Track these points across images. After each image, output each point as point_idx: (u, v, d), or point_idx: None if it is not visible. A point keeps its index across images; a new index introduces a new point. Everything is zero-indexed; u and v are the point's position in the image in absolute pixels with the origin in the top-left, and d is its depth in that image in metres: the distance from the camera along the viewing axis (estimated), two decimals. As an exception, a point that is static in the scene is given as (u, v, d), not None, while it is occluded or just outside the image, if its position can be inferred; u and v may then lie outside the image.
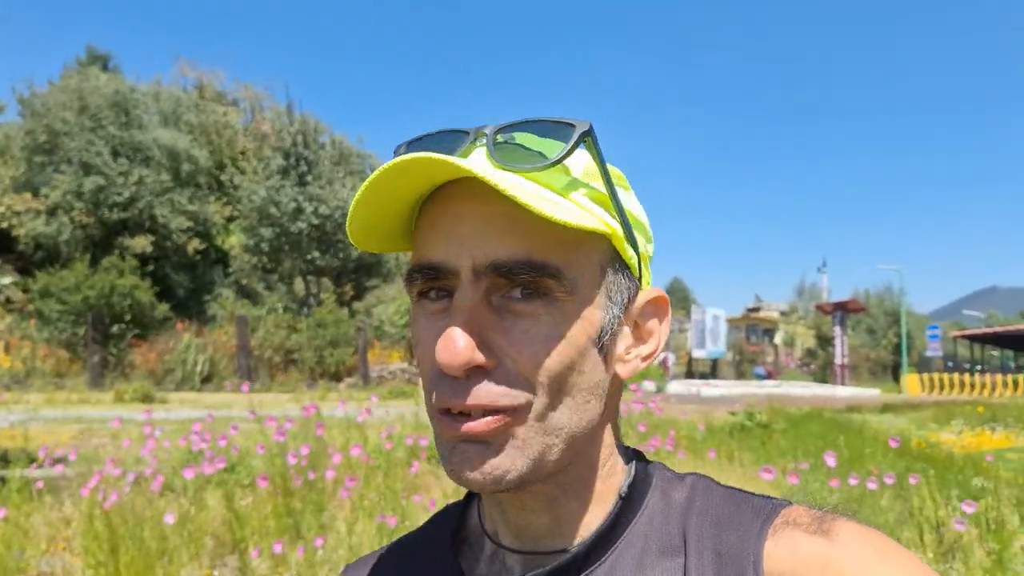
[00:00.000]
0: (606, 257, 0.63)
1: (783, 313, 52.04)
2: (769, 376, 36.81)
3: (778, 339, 46.25)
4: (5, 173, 29.48)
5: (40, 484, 4.76)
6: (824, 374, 39.64)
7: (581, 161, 0.62)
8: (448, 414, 0.58)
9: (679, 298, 67.48)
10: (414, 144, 0.64)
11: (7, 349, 21.14)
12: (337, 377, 25.46)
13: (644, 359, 0.66)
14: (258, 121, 40.42)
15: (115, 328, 23.10)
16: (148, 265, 30.24)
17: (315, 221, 31.30)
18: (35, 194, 29.18)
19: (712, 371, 36.98)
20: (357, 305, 33.75)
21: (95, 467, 5.39)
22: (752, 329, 46.92)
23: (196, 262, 33.82)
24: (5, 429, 6.41)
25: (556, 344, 0.59)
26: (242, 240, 33.88)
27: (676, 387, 23.15)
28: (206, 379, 22.96)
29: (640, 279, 0.67)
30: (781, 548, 0.58)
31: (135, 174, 30.65)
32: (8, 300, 26.25)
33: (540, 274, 0.57)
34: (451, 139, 0.61)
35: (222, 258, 35.43)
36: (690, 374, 35.59)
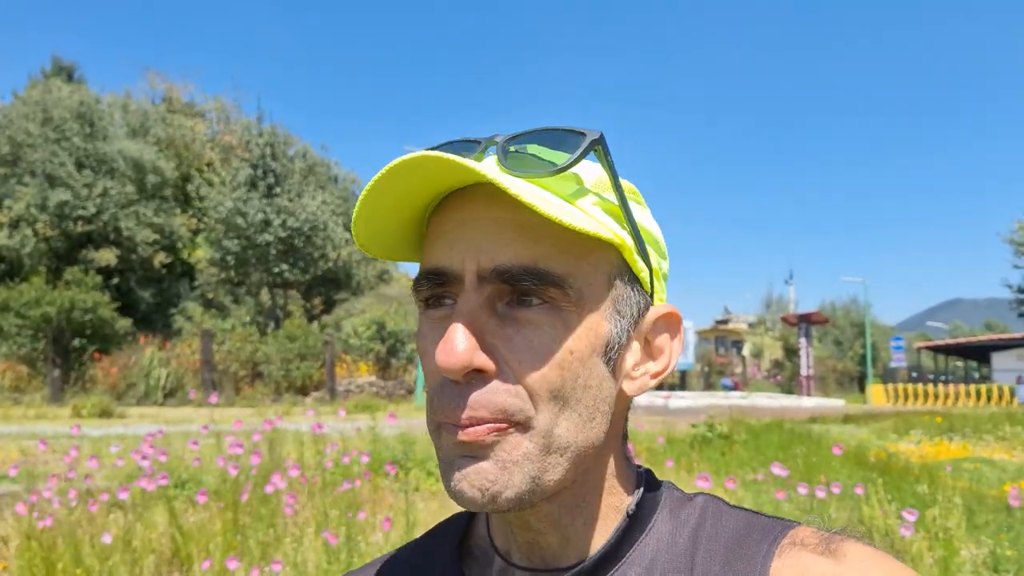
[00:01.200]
0: (615, 269, 0.61)
1: (751, 325, 52.50)
2: (736, 387, 37.11)
3: (746, 351, 46.63)
4: (-35, 185, 29.02)
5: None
6: (791, 385, 40.02)
7: (593, 172, 0.61)
8: (447, 426, 0.57)
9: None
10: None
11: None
12: (304, 391, 25.22)
13: (653, 376, 0.65)
14: (225, 132, 40.13)
15: (76, 343, 22.74)
16: (113, 278, 29.84)
17: (282, 234, 31.07)
18: (-3, 206, 28.74)
19: (681, 383, 37.21)
20: (326, 319, 33.51)
21: (38, 484, 5.28)
22: (721, 341, 47.31)
23: (162, 275, 33.45)
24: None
25: (560, 355, 0.57)
26: (209, 253, 33.55)
27: (643, 399, 23.24)
28: (169, 394, 22.64)
29: (652, 295, 0.65)
30: (788, 569, 0.57)
31: (100, 186, 30.28)
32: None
33: (544, 282, 0.56)
34: (461, 148, 0.61)
35: (188, 271, 35.06)
36: (658, 386, 35.81)
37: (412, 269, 0.70)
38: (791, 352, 43.40)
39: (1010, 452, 11.17)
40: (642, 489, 0.67)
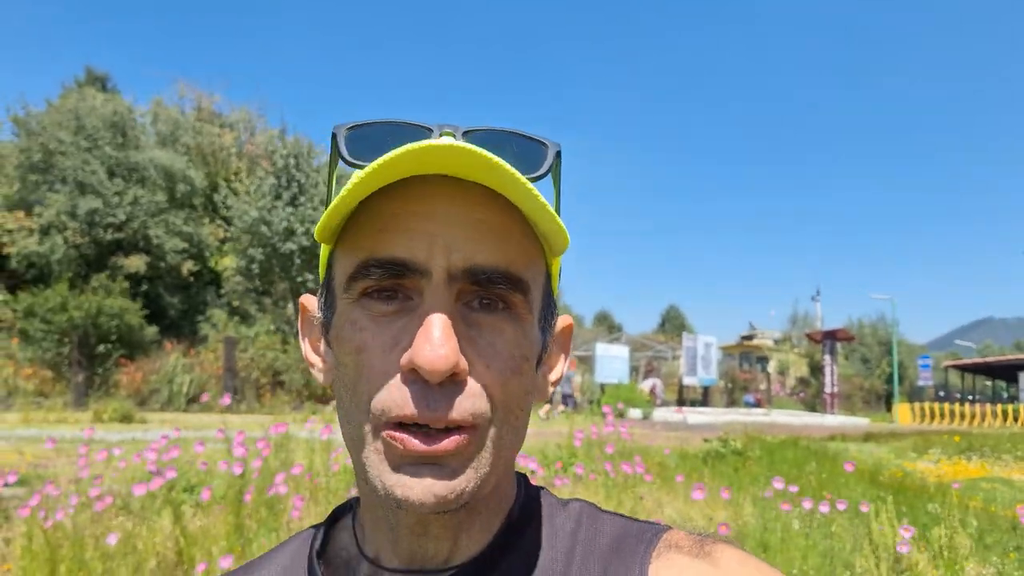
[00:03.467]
0: (546, 279, 0.63)
1: (777, 341, 52.00)
2: (758, 404, 36.71)
3: (771, 367, 46.17)
4: (-3, 191, 29.57)
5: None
6: (815, 403, 39.55)
7: (548, 185, 0.61)
8: (406, 429, 0.54)
9: (675, 325, 67.45)
10: (362, 129, 0.60)
11: (-9, 368, 21.08)
12: (324, 400, 25.35)
13: (552, 384, 0.66)
14: (252, 143, 40.58)
15: (101, 348, 23.03)
16: (142, 285, 30.22)
17: (306, 243, 31.34)
18: (28, 212, 29.20)
19: (703, 399, 36.87)
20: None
21: (44, 487, 5.35)
22: (745, 357, 46.87)
23: (190, 283, 33.81)
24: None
25: (518, 363, 0.58)
26: (235, 262, 33.90)
27: (663, 414, 23.08)
28: (192, 400, 22.86)
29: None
30: (664, 570, 0.58)
31: (130, 194, 30.71)
32: (-3, 319, 26.23)
33: (514, 288, 0.56)
34: (413, 133, 0.58)
35: (215, 279, 35.43)
36: (681, 401, 35.49)
37: None
38: (816, 369, 42.93)
39: (1029, 472, 10.97)
40: (523, 493, 0.68)
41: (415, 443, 0.53)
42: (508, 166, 0.52)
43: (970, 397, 42.79)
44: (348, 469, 5.97)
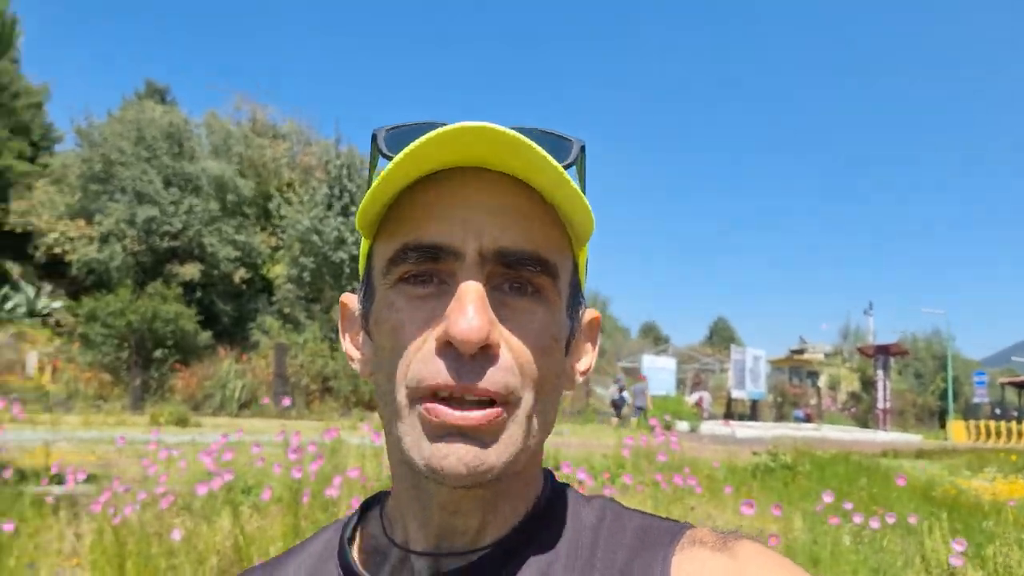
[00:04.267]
0: (573, 267, 0.66)
1: (828, 355, 51.05)
2: (808, 419, 36.09)
3: (822, 382, 45.35)
4: (61, 200, 30.46)
5: (51, 499, 4.91)
6: (867, 419, 38.74)
7: (572, 176, 0.63)
8: (440, 401, 0.56)
9: (724, 337, 66.59)
10: (400, 129, 0.64)
11: (53, 371, 21.75)
12: (371, 406, 25.61)
13: (582, 375, 0.69)
14: (304, 153, 41.26)
15: (157, 353, 23.60)
16: (196, 292, 30.89)
17: (356, 252, 31.73)
18: (89, 221, 30.07)
19: (752, 413, 36.35)
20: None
21: (108, 485, 5.56)
22: (795, 371, 46.09)
23: (242, 291, 34.43)
24: (31, 448, 6.62)
25: (549, 343, 0.60)
26: (286, 270, 34.46)
27: (711, 427, 22.87)
28: (244, 405, 23.30)
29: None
30: (687, 563, 0.60)
31: (185, 203, 31.44)
32: (58, 323, 27.04)
33: (543, 271, 0.59)
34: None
35: (267, 287, 36.04)
36: (729, 415, 35.05)
37: None
38: (868, 384, 42.07)
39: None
40: (549, 486, 0.70)
41: (449, 412, 0.55)
42: (540, 148, 0.54)
43: (1028, 415, 41.53)
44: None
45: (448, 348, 0.56)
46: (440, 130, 0.53)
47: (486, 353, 0.56)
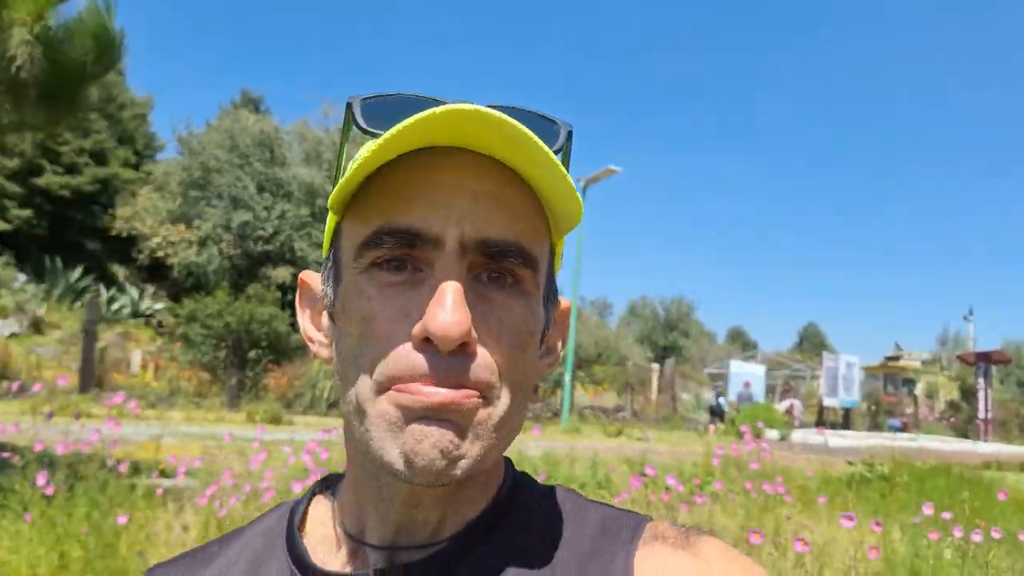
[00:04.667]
0: (550, 258, 0.63)
1: (924, 363, 49.12)
2: (904, 428, 34.77)
3: (918, 390, 43.63)
4: (163, 206, 31.86)
5: (160, 491, 5.14)
6: (966, 429, 37.08)
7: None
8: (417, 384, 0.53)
9: (814, 343, 64.73)
10: (377, 100, 0.60)
11: (156, 369, 22.79)
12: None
13: (549, 366, 0.66)
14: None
15: (252, 353, 24.38)
16: (288, 295, 31.84)
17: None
18: (188, 226, 31.35)
19: (844, 421, 35.25)
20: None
21: (214, 479, 5.79)
22: (890, 378, 44.47)
23: (331, 294, 35.21)
24: (143, 442, 6.95)
25: (526, 339, 0.58)
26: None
27: (802, 436, 22.27)
28: (332, 405, 23.87)
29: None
30: (649, 558, 0.59)
31: (278, 209, 32.43)
32: (160, 324, 28.33)
33: (525, 263, 0.56)
34: (428, 106, 0.53)
35: (355, 290, 36.75)
36: (820, 423, 34.07)
37: (562, 291, 0.68)
38: (967, 393, 40.24)
39: None
40: (510, 475, 0.68)
41: (423, 388, 0.52)
42: (532, 134, 0.51)
43: None
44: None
45: (425, 344, 0.53)
46: (438, 109, 0.49)
47: (464, 350, 0.53)
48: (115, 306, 28.53)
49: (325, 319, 0.65)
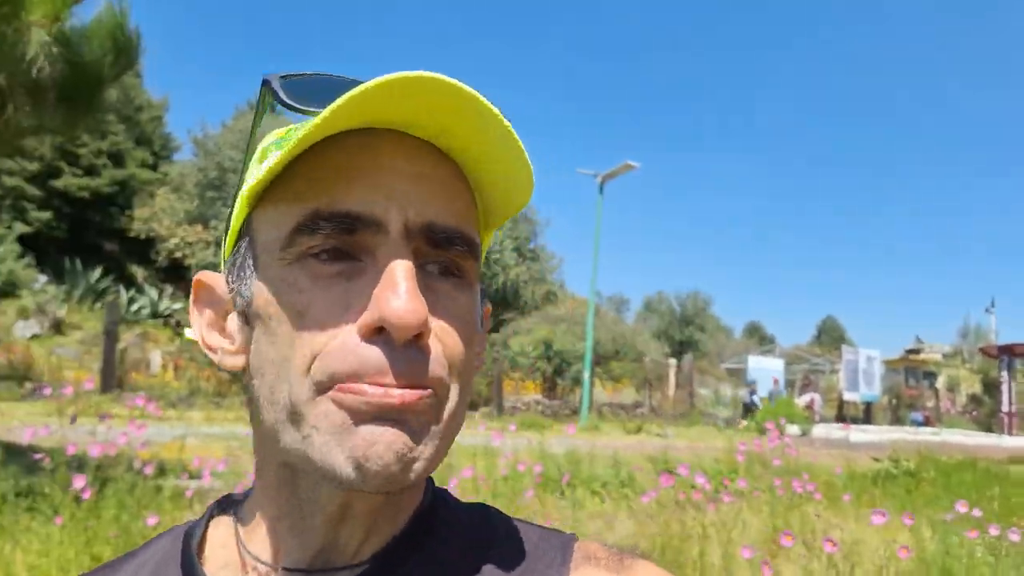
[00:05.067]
0: (480, 245, 0.57)
1: (946, 356, 48.76)
2: (927, 423, 34.52)
3: (940, 384, 43.33)
4: (180, 207, 32.06)
5: (190, 493, 5.16)
6: (989, 423, 36.78)
7: None
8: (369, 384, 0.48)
9: (833, 337, 64.34)
10: (296, 79, 0.56)
11: (175, 370, 22.94)
12: (473, 406, 25.95)
13: (478, 368, 0.61)
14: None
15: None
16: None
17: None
18: (205, 226, 31.56)
19: (865, 415, 35.05)
20: (494, 336, 34.33)
21: (240, 480, 5.81)
22: (911, 372, 44.17)
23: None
24: (166, 443, 6.98)
25: (472, 333, 0.55)
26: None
27: (823, 431, 22.14)
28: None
29: None
30: None
31: (292, 209, 32.60)
32: (178, 324, 28.52)
33: (470, 251, 0.53)
34: (350, 88, 0.47)
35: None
36: (841, 418, 33.88)
37: (579, 287, 0.63)
38: (990, 386, 39.89)
39: None
40: (430, 488, 0.63)
41: (372, 390, 0.48)
42: (495, 108, 0.48)
43: None
44: (517, 474, 6.12)
45: (377, 335, 0.48)
46: (389, 77, 0.44)
47: (418, 343, 0.49)
48: (135, 307, 28.74)
49: (233, 322, 0.58)
